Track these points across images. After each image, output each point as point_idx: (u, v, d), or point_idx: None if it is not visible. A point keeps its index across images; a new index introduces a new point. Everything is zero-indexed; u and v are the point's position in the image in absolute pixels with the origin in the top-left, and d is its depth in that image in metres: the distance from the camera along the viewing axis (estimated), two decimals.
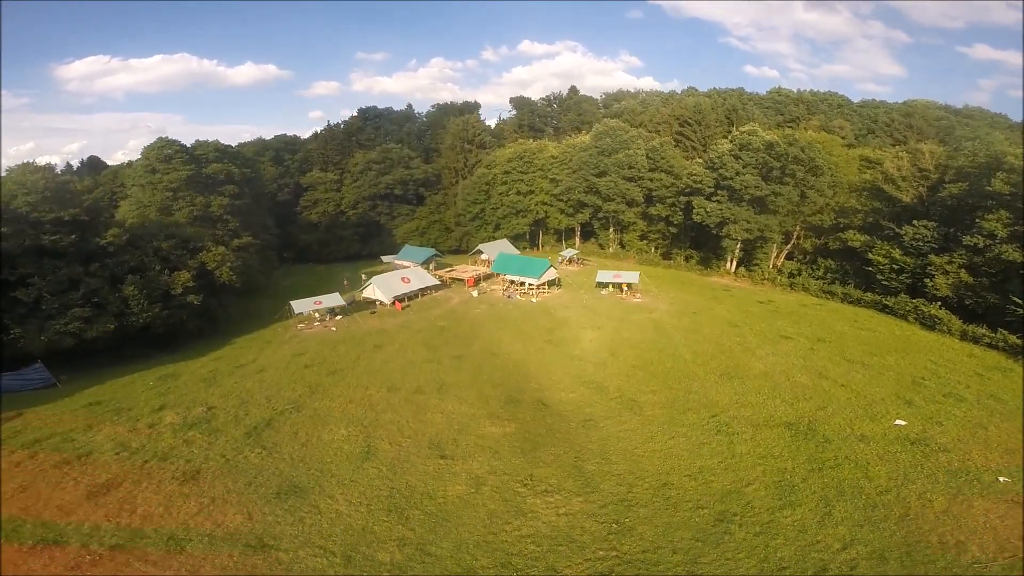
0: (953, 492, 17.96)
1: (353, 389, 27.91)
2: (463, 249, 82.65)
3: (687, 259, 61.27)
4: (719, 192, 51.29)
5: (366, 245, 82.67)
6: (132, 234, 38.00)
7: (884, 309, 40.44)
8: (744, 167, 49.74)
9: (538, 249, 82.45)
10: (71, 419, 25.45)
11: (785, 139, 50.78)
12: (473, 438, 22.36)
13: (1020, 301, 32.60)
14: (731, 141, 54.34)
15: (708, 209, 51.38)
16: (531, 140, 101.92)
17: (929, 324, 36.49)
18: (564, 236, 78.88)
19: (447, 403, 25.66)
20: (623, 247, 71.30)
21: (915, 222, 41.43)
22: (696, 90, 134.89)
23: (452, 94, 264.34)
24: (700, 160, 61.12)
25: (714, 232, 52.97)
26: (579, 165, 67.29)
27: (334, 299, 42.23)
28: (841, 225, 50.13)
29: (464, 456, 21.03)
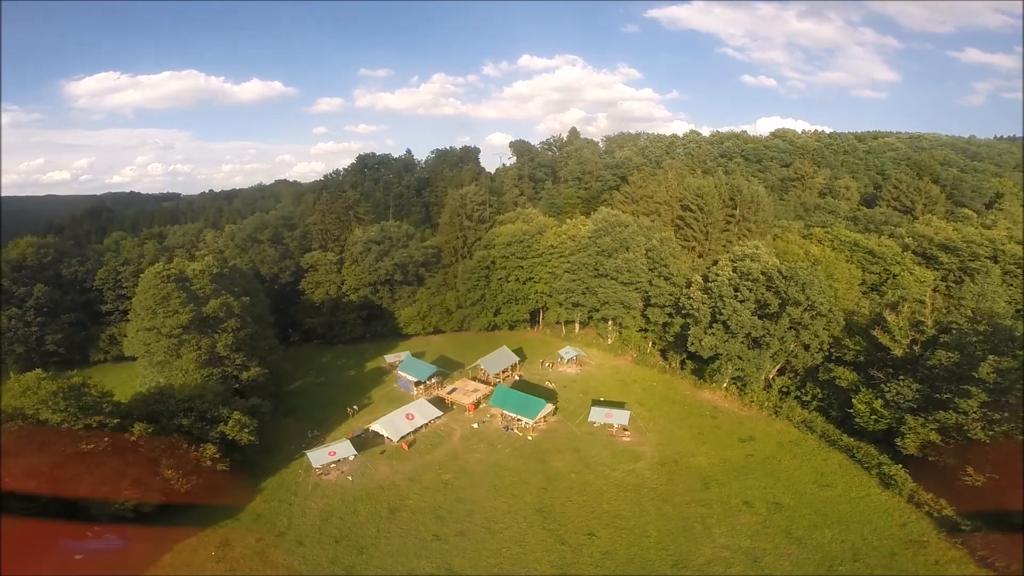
0: None
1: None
2: (464, 328, 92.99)
3: (682, 364, 70.30)
4: (715, 324, 59.46)
5: (369, 327, 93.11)
6: (154, 410, 47.36)
7: (852, 456, 49.52)
8: (742, 302, 57.58)
9: (539, 327, 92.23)
10: None
11: (787, 271, 57.71)
12: None
13: (972, 472, 40.78)
14: (732, 262, 62.49)
15: (703, 342, 59.96)
16: (529, 207, 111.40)
17: (886, 482, 45.37)
18: (564, 321, 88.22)
19: None
20: (622, 337, 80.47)
21: (900, 379, 48.43)
22: (698, 133, 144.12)
23: (454, 108, 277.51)
24: (698, 273, 69.27)
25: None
26: (577, 265, 76.18)
27: (346, 448, 52.28)
28: (833, 356, 58.08)
29: None
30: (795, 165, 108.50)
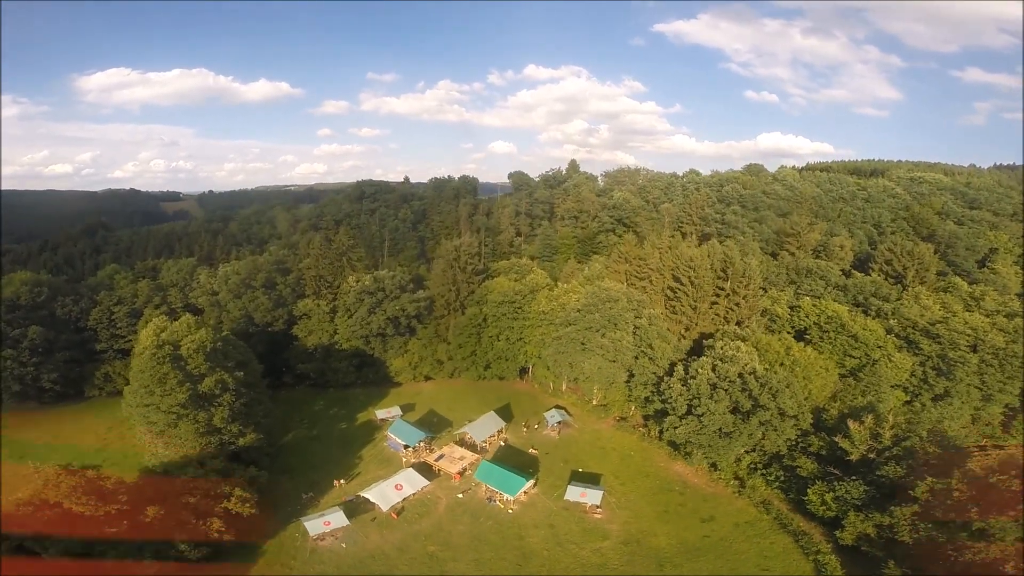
0: None
1: None
2: (455, 377, 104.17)
3: (660, 434, 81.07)
4: (689, 417, 70.26)
5: (360, 374, 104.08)
6: (161, 490, 57.65)
7: (798, 541, 60.54)
8: (717, 403, 67.95)
9: (528, 378, 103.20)
10: None
11: (761, 377, 68.63)
12: None
13: (892, 566, 51.84)
14: (712, 361, 73.12)
15: (678, 430, 70.96)
16: (524, 247, 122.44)
17: (820, 570, 56.16)
18: (552, 381, 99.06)
19: None
20: (606, 398, 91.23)
21: (852, 479, 59.53)
22: (697, 173, 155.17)
23: (458, 115, 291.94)
24: (682, 352, 79.66)
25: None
26: (565, 340, 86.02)
27: (339, 518, 62.74)
28: (799, 446, 69.30)
29: None
30: (792, 218, 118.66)
